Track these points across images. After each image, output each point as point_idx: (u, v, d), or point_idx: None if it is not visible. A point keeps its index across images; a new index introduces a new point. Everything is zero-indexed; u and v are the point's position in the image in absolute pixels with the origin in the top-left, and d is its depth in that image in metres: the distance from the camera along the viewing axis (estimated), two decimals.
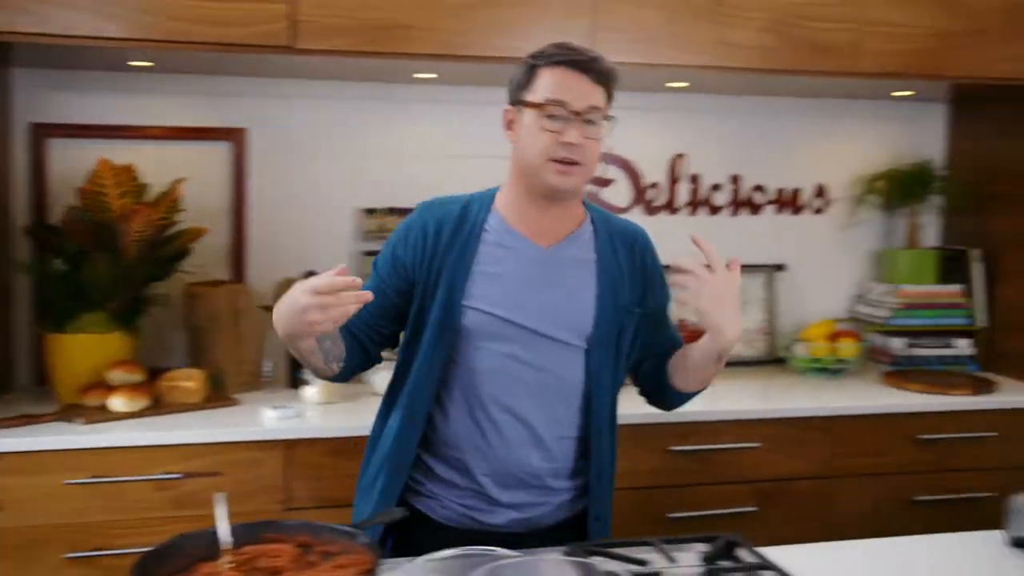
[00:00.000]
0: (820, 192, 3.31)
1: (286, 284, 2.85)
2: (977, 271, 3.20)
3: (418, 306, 1.68)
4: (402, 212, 2.94)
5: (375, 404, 2.58)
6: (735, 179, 3.25)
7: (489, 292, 1.65)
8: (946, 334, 3.20)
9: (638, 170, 3.17)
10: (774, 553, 1.58)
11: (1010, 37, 2.80)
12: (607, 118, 1.63)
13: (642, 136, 3.16)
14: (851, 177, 3.32)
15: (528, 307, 1.65)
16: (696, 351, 1.67)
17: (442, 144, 3.02)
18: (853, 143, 3.34)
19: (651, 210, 3.19)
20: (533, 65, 1.62)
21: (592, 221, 1.74)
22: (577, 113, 1.59)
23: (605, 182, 3.15)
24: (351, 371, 1.74)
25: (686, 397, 1.78)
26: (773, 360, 3.22)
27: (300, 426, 2.37)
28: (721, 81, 2.88)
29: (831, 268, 3.34)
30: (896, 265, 3.24)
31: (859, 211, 3.31)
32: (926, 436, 2.74)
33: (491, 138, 3.04)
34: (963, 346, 3.18)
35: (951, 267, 3.28)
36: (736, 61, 2.65)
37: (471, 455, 1.67)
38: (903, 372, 3.06)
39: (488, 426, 1.66)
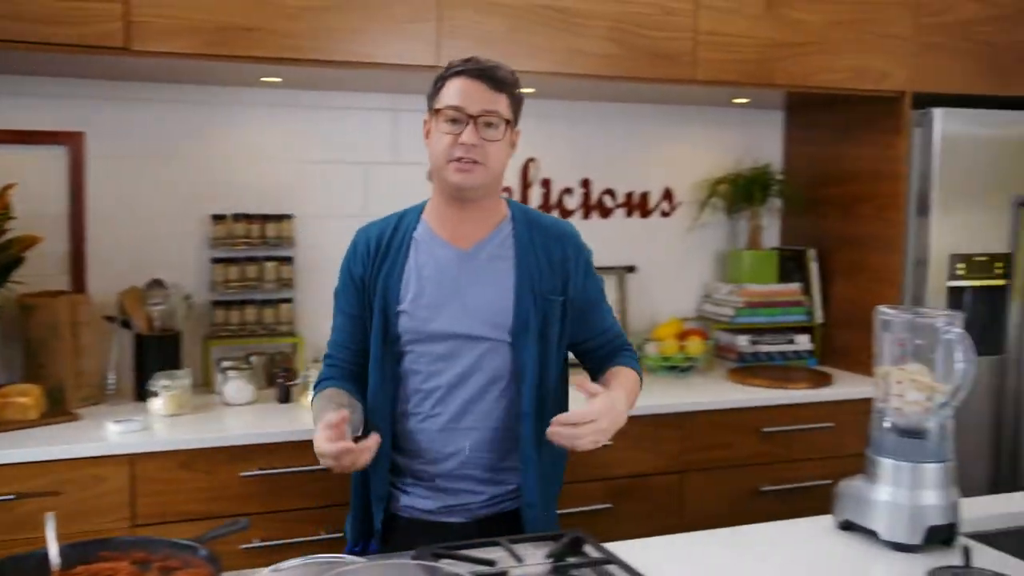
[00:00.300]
0: (667, 195, 3.42)
1: (131, 293, 2.75)
2: (814, 270, 3.37)
3: (368, 315, 1.82)
4: (250, 218, 2.88)
5: (226, 414, 2.54)
6: (586, 183, 3.32)
7: (417, 297, 1.78)
8: (787, 330, 3.36)
9: None
10: (621, 548, 1.62)
11: (832, 50, 2.96)
12: (509, 122, 1.75)
13: None
14: (696, 181, 3.44)
15: (450, 308, 1.77)
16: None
17: (290, 149, 2.98)
18: (697, 148, 3.47)
19: None
20: (440, 77, 1.77)
21: (512, 218, 1.84)
22: (473, 116, 1.72)
23: None
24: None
25: None
26: None
27: (146, 440, 2.30)
28: (568, 87, 2.94)
29: (679, 269, 3.46)
30: (739, 265, 3.38)
31: (704, 214, 3.44)
32: (769, 429, 2.87)
33: (341, 142, 3.03)
34: (803, 341, 3.35)
35: (790, 266, 3.44)
36: (581, 68, 2.71)
37: (417, 449, 1.81)
38: (748, 368, 3.20)
39: (428, 422, 1.80)
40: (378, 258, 1.82)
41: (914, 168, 3.04)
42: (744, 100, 3.27)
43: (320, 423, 1.60)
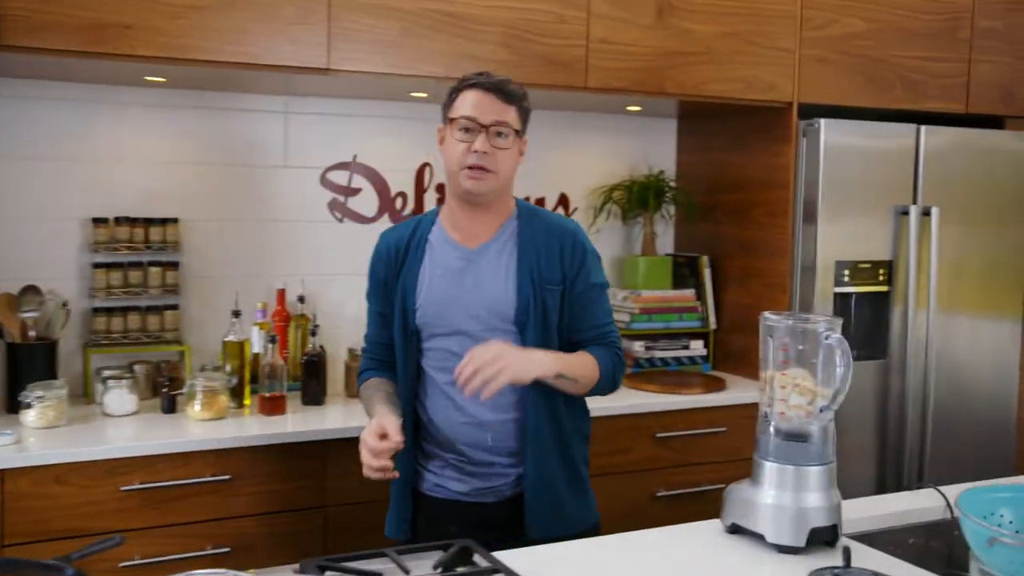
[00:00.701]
0: (563, 201, 3.43)
1: (1, 300, 2.62)
2: (707, 276, 3.43)
3: (392, 313, 2.00)
4: (134, 222, 2.78)
5: (106, 426, 2.44)
6: None
7: (431, 295, 1.96)
8: (682, 336, 3.41)
9: (385, 180, 3.16)
10: (510, 557, 1.61)
11: (721, 60, 3.02)
12: (518, 132, 1.94)
13: (388, 145, 3.15)
14: (592, 187, 3.47)
15: (458, 304, 1.94)
16: (553, 386, 1.92)
17: (177, 151, 2.89)
18: (593, 155, 3.50)
19: (399, 219, 3.18)
20: (454, 89, 1.95)
21: (518, 216, 1.99)
22: (485, 126, 1.90)
23: (353, 191, 3.12)
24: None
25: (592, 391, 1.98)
26: None
27: (17, 454, 2.18)
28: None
29: None
30: (635, 271, 3.42)
31: (600, 220, 3.47)
32: (664, 434, 2.91)
33: (229, 145, 2.95)
34: (697, 347, 3.40)
35: (685, 273, 3.50)
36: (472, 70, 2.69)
37: (441, 435, 1.98)
38: (643, 374, 3.23)
39: (448, 412, 1.96)
40: (398, 260, 2.01)
41: (801, 176, 3.12)
42: (637, 108, 3.31)
43: (380, 424, 1.84)
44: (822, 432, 1.69)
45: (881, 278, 3.20)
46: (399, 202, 3.18)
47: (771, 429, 1.70)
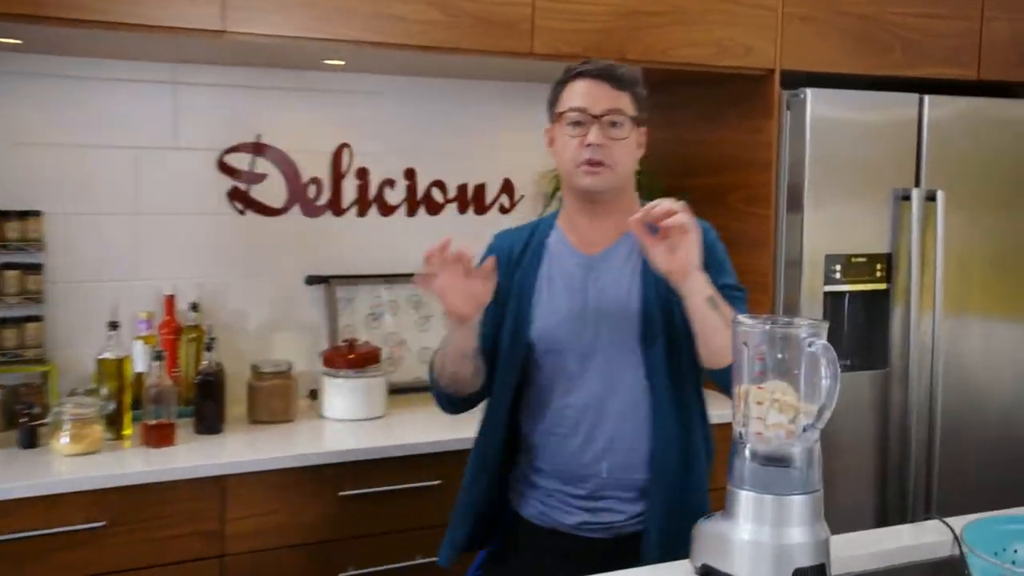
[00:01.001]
0: (507, 188, 3.43)
1: None
2: None
3: (499, 321, 2.09)
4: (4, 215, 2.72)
5: None
6: (411, 174, 3.29)
7: (549, 307, 2.07)
8: None
9: (295, 164, 3.13)
10: None
11: (691, 21, 3.03)
12: (635, 120, 2.04)
13: (298, 123, 3.12)
14: (541, 171, 3.45)
15: (580, 318, 2.04)
16: (693, 313, 1.93)
17: (37, 129, 2.83)
18: (542, 132, 3.47)
19: (312, 211, 3.15)
20: (559, 82, 2.06)
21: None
22: (597, 116, 1.99)
23: (257, 177, 3.08)
24: (481, 396, 2.15)
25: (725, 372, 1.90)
26: None
27: None
28: (384, 60, 2.90)
29: None
30: None
31: (551, 209, 3.45)
32: None
33: (105, 122, 2.89)
34: None
35: None
36: (396, 36, 2.67)
37: (546, 459, 2.08)
38: None
39: (558, 433, 2.06)
40: (512, 265, 2.11)
41: (784, 156, 3.14)
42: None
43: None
44: (806, 455, 1.69)
45: (879, 274, 3.23)
46: (312, 190, 3.15)
47: (747, 453, 1.70)
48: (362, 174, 3.21)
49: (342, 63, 2.89)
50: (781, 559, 1.64)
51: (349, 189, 3.20)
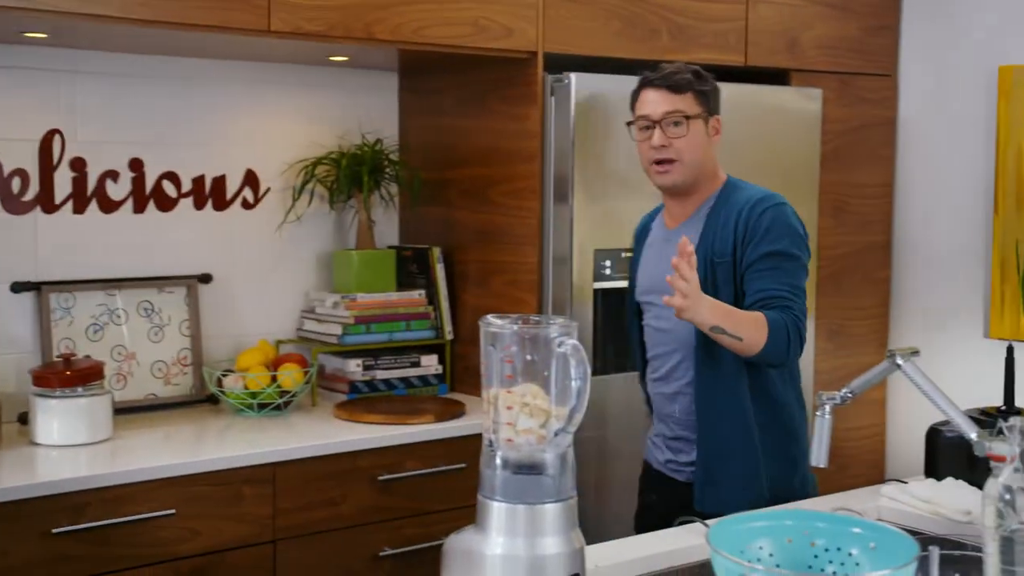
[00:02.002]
0: (251, 181, 3.39)
1: None
2: (440, 273, 3.49)
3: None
4: None
5: None
6: (137, 165, 3.22)
7: (641, 272, 2.70)
8: (410, 351, 3.45)
9: None
10: None
11: None
12: (697, 115, 2.53)
13: None
14: (288, 162, 3.45)
15: (657, 281, 2.52)
16: None
17: None
18: (288, 119, 3.48)
19: (16, 207, 3.03)
20: (634, 91, 2.61)
21: (719, 194, 2.58)
22: (657, 121, 2.53)
23: None
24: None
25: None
26: (203, 399, 3.23)
27: None
28: (97, 34, 2.83)
29: (269, 277, 3.45)
30: (348, 270, 3.43)
31: (300, 205, 3.44)
32: (388, 476, 2.94)
33: None
34: (431, 363, 3.46)
35: (412, 270, 3.55)
36: (108, 8, 2.61)
37: (656, 409, 2.68)
38: (362, 401, 3.25)
39: (655, 385, 2.65)
40: (638, 240, 2.77)
41: (550, 146, 3.24)
42: (343, 58, 3.32)
43: None
44: (559, 461, 1.75)
45: None
46: (16, 184, 3.04)
47: (497, 461, 1.75)
48: (78, 165, 3.11)
49: (44, 35, 2.80)
50: (535, 572, 1.70)
51: (62, 182, 3.09)
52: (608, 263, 3.28)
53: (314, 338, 3.41)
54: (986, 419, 2.12)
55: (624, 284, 3.28)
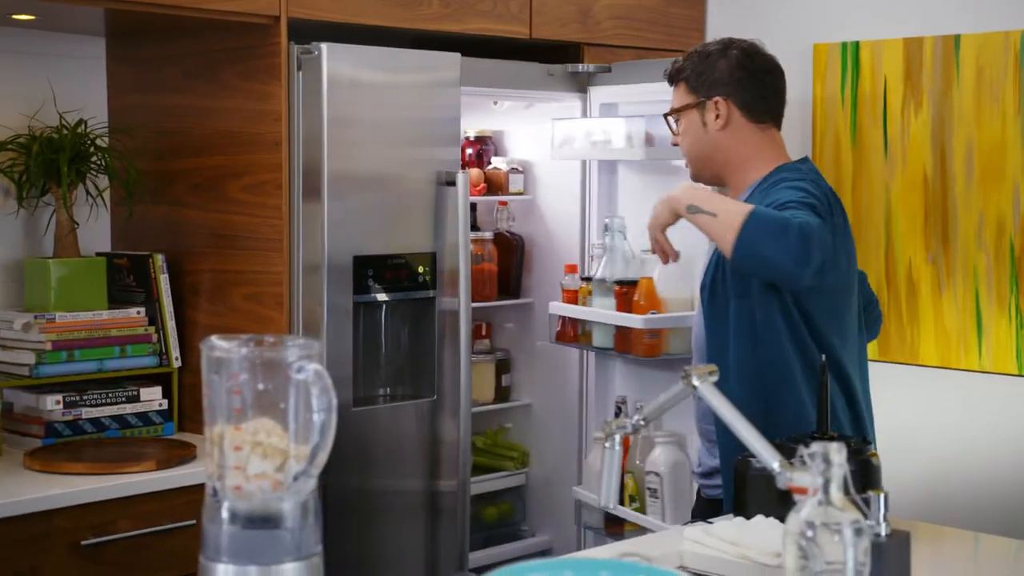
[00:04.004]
0: None
1: None
2: (165, 287, 3.45)
3: None
4: None
5: None
6: None
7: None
8: (126, 382, 3.41)
9: None
10: None
11: None
12: (687, 107, 2.84)
13: None
14: None
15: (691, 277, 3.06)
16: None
17: None
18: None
19: None
20: None
21: (759, 184, 2.79)
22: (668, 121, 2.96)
23: None
24: None
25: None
26: None
27: None
28: None
29: None
30: (43, 283, 3.36)
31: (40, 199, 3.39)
32: (94, 540, 2.89)
33: None
34: (153, 397, 3.41)
35: (128, 282, 3.50)
36: None
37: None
38: (63, 446, 3.20)
39: None
40: None
41: (297, 130, 3.25)
42: (29, 17, 3.26)
43: None
44: (299, 511, 1.76)
45: (423, 279, 3.42)
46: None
47: (224, 513, 1.75)
48: None
49: None
50: None
51: None
52: (371, 272, 3.31)
53: None
54: (792, 447, 2.22)
55: (395, 297, 3.37)
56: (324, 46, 3.22)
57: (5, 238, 3.47)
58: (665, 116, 2.95)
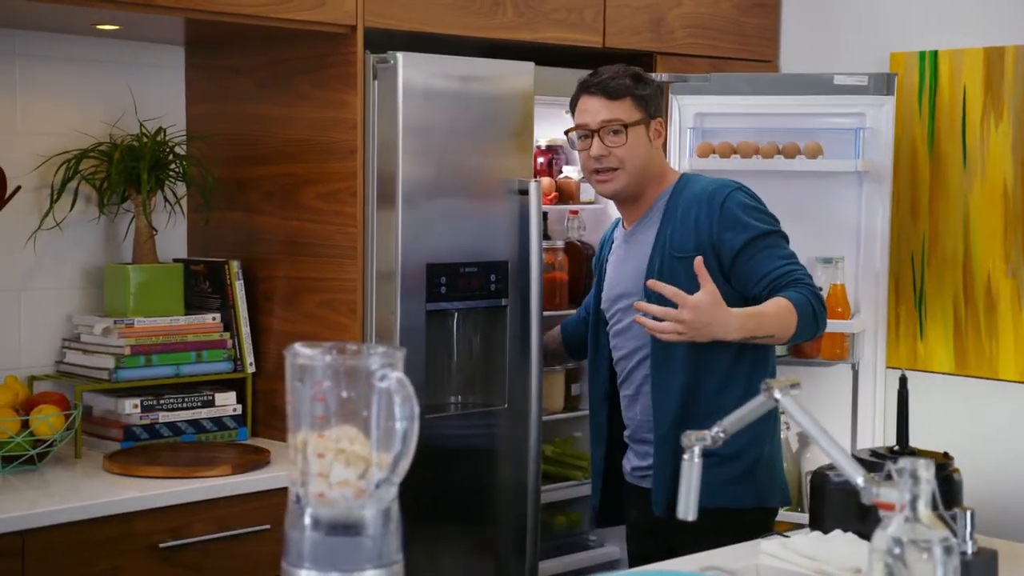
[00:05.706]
0: None
1: None
2: (240, 293, 3.47)
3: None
4: None
5: None
6: None
7: (609, 275, 3.10)
8: (202, 387, 3.44)
9: None
10: None
11: None
12: (636, 122, 2.96)
13: None
14: (44, 154, 3.39)
15: (616, 285, 3.04)
16: None
17: None
18: (43, 102, 3.44)
19: None
20: (573, 98, 3.05)
21: (672, 191, 3.00)
22: (594, 131, 2.96)
23: None
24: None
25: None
26: None
27: None
28: None
29: (19, 296, 3.41)
30: (122, 288, 3.38)
31: (60, 208, 3.39)
32: (172, 543, 2.91)
33: None
34: (228, 402, 3.44)
35: (204, 289, 3.53)
36: None
37: (624, 415, 3.10)
38: (141, 450, 3.22)
39: (621, 387, 3.08)
40: (600, 252, 3.22)
41: (373, 139, 3.26)
42: (113, 27, 3.29)
43: None
44: (381, 518, 1.77)
45: (495, 287, 3.42)
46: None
47: (307, 520, 1.76)
48: None
49: None
50: None
51: None
52: (445, 280, 3.31)
53: (79, 373, 3.36)
54: (876, 461, 2.21)
55: (468, 306, 3.37)
56: (400, 55, 3.22)
57: (86, 244, 3.50)
58: (624, 127, 2.96)
